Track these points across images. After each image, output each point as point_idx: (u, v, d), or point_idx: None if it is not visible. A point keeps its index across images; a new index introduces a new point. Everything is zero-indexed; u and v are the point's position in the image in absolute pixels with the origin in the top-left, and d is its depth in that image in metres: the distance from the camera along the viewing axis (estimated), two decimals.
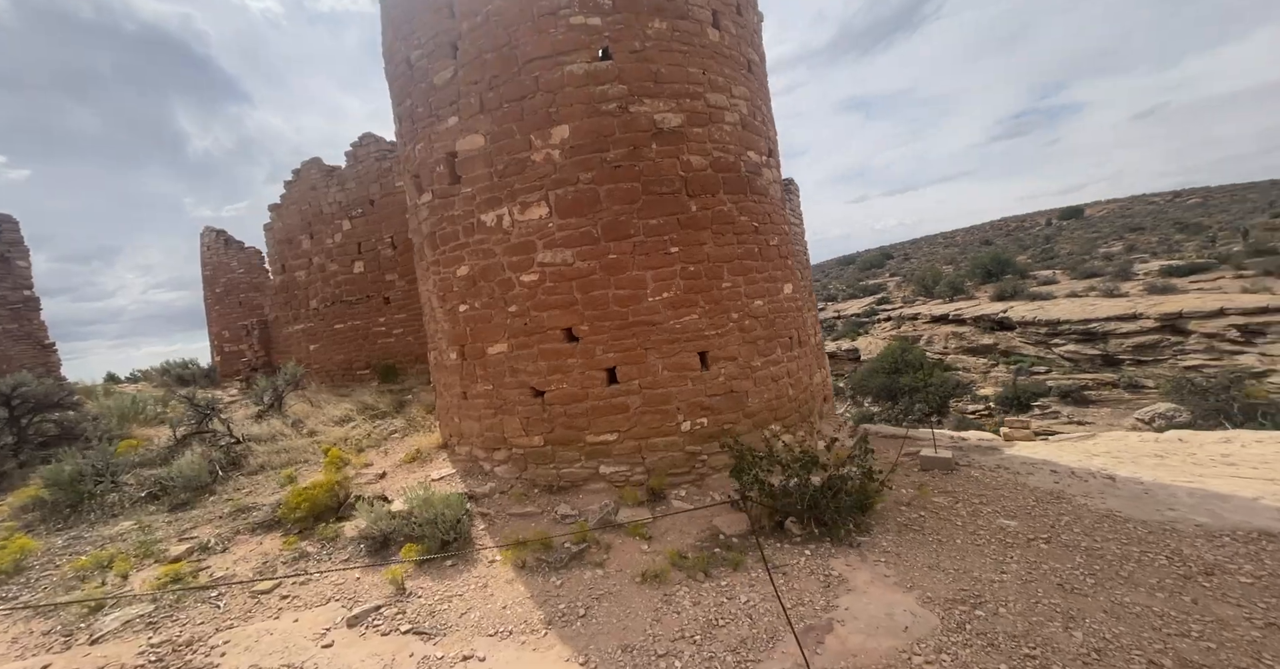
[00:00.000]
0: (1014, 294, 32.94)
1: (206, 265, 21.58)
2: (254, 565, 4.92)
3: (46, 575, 5.13)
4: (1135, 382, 22.79)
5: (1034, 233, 72.01)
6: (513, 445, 6.05)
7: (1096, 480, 5.01)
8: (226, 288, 21.97)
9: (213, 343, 21.96)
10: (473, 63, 5.84)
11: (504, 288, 5.96)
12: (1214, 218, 56.38)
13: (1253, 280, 26.73)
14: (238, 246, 22.37)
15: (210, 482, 6.91)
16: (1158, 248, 46.36)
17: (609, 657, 3.24)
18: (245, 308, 22.49)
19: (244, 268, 22.46)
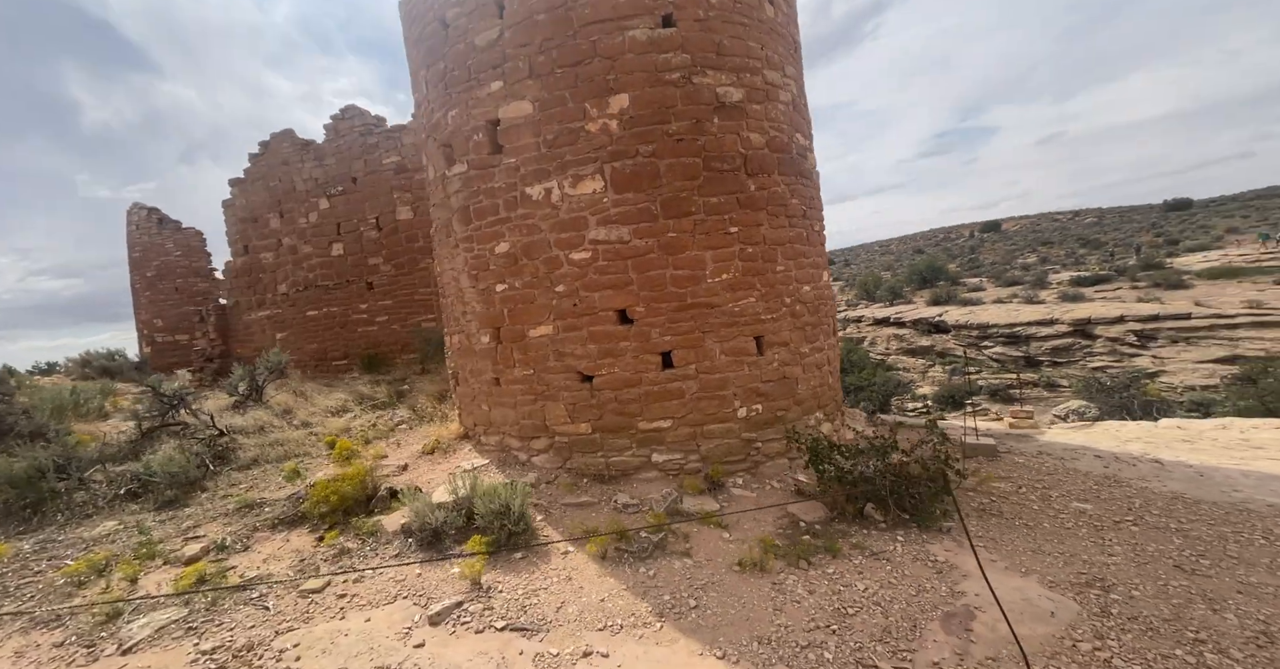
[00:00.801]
0: (948, 299, 34.49)
1: (135, 247, 19.20)
2: (289, 564, 4.23)
3: (27, 583, 4.26)
4: (1053, 381, 24.32)
5: (960, 243, 76.35)
6: (555, 433, 5.56)
7: (1145, 464, 5.03)
8: (160, 272, 19.75)
9: (141, 332, 19.68)
10: (522, 23, 5.30)
11: (550, 266, 5.45)
12: (1109, 235, 61.35)
13: (1145, 291, 29.13)
14: (173, 226, 20.12)
15: (199, 477, 6.03)
16: (1066, 260, 49.94)
17: (745, 649, 2.87)
18: (183, 294, 20.32)
19: (181, 250, 20.24)
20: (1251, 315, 22.79)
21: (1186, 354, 22.63)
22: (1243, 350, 21.31)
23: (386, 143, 11.23)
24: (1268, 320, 22.18)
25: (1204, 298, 26.42)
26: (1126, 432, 6.39)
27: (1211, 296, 26.46)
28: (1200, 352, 22.46)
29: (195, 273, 20.45)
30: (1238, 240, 41.52)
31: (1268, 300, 24.13)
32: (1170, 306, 25.54)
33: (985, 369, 28.53)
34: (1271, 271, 28.34)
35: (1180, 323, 23.99)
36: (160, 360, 18.23)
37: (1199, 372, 21.38)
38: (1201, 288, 28.46)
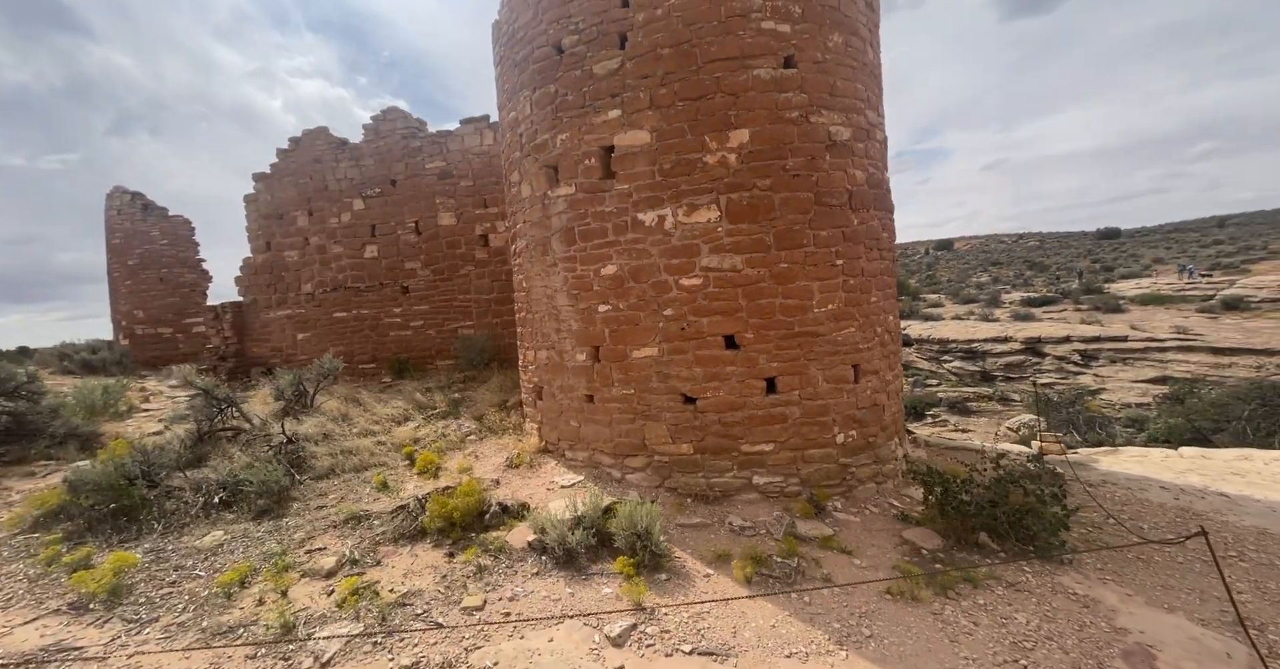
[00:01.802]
0: (911, 314, 35.53)
1: (115, 232, 17.84)
2: (433, 580, 4.04)
3: (168, 594, 3.99)
4: (1005, 395, 25.45)
5: (916, 260, 79.09)
6: (655, 453, 5.50)
7: (1212, 497, 5.19)
8: (144, 260, 18.47)
9: (119, 323, 18.37)
10: (645, 56, 5.23)
11: (658, 290, 5.40)
12: (1050, 259, 64.73)
13: (1087, 314, 30.78)
14: (160, 213, 18.81)
15: (288, 486, 5.72)
16: (1015, 281, 52.34)
17: None
18: (168, 285, 19.06)
19: (168, 238, 18.94)
20: (1179, 340, 24.27)
21: (1124, 374, 23.90)
22: (1171, 371, 22.60)
23: (431, 147, 10.87)
24: (1192, 345, 23.65)
25: (1138, 322, 28.03)
26: (1179, 463, 6.43)
27: (1144, 321, 28.11)
28: (1135, 372, 23.74)
29: (182, 263, 19.21)
30: (1162, 270, 44.34)
31: (1192, 326, 25.84)
32: (1110, 329, 26.95)
33: (945, 382, 29.61)
34: (1193, 300, 30.37)
35: (1118, 344, 25.24)
36: (142, 354, 17.07)
37: (1134, 390, 22.61)
38: (1136, 312, 30.18)
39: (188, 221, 19.48)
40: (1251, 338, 23.38)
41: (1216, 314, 28.34)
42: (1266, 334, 23.71)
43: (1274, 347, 22.14)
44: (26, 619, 3.80)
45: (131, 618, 3.77)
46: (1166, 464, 6.22)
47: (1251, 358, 21.91)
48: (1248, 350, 22.26)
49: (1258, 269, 37.12)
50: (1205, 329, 25.45)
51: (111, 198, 18.68)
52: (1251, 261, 40.59)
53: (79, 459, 7.54)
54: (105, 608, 3.88)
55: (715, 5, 5.02)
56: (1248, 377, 19.96)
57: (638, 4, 5.20)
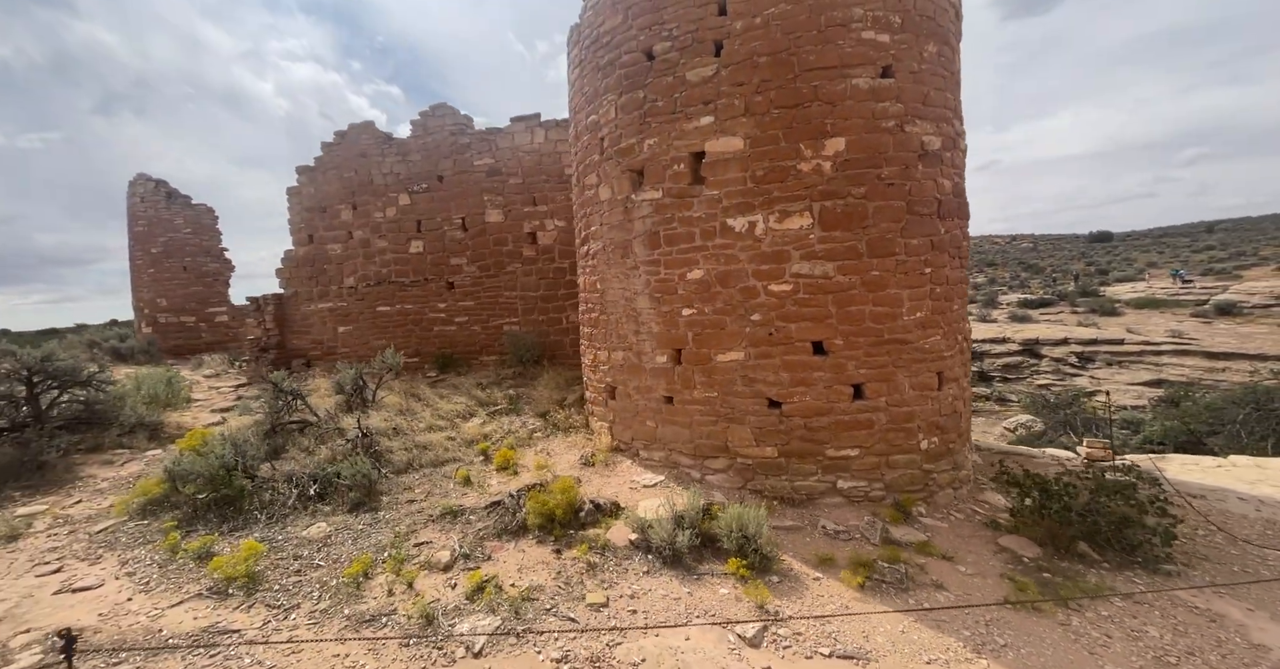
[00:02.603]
0: None
1: (139, 220, 17.62)
2: (548, 576, 3.99)
3: (298, 583, 3.97)
4: (1003, 396, 25.45)
5: None
6: (737, 455, 5.45)
7: None
8: (167, 249, 18.28)
9: (140, 311, 18.17)
10: (741, 64, 5.11)
11: (746, 296, 5.32)
12: (1045, 260, 64.78)
13: (1084, 316, 30.72)
14: (184, 201, 18.59)
15: (375, 480, 5.64)
16: (1011, 282, 52.35)
17: None
18: (191, 273, 18.89)
19: (191, 227, 18.75)
20: (1174, 344, 24.24)
21: (1120, 376, 23.84)
22: (1166, 375, 22.56)
23: (480, 144, 10.70)
24: (1188, 349, 23.63)
25: (1134, 325, 27.98)
26: (1247, 473, 6.33)
27: (1140, 324, 28.07)
28: (1131, 374, 23.67)
29: (205, 252, 19.01)
30: (1155, 274, 44.32)
31: (1186, 330, 25.84)
32: (1106, 332, 26.83)
33: None
34: (1186, 305, 30.35)
35: (1115, 347, 25.13)
36: (165, 342, 16.94)
37: (1130, 393, 22.58)
38: (1131, 315, 30.11)
39: (211, 210, 19.21)
40: (1245, 343, 23.37)
41: (1210, 319, 28.29)
42: (1259, 339, 23.71)
43: (1267, 352, 22.15)
44: (173, 603, 3.78)
45: (273, 604, 3.75)
46: (1235, 474, 6.19)
47: (1245, 362, 21.87)
48: (1241, 355, 22.24)
49: (1249, 275, 37.15)
50: (1200, 333, 25.44)
51: (134, 185, 18.37)
52: (1243, 267, 40.62)
53: (150, 448, 7.47)
54: (245, 594, 3.87)
55: (815, 15, 4.90)
56: (1241, 381, 19.94)
57: (736, 12, 5.07)
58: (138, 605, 3.76)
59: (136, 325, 18.82)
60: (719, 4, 5.14)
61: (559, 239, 10.35)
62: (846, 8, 4.85)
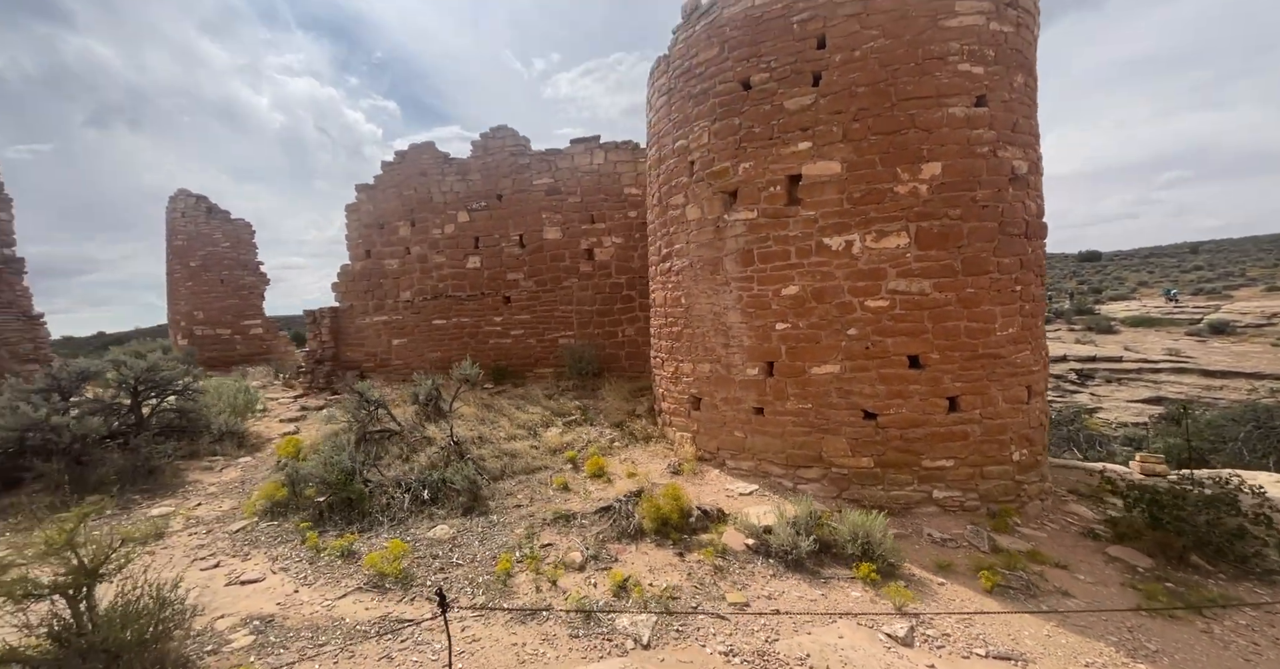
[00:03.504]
0: None
1: (178, 234, 17.60)
2: (680, 577, 3.99)
3: (443, 579, 4.01)
4: None
5: None
6: (832, 464, 5.44)
7: None
8: (205, 262, 18.23)
9: (177, 324, 18.10)
10: (839, 94, 5.23)
11: (842, 311, 5.37)
12: None
13: (1081, 334, 30.70)
14: (223, 216, 18.55)
15: (480, 486, 5.63)
16: None
17: None
18: (228, 287, 18.80)
19: (230, 241, 18.69)
20: (1172, 362, 24.13)
21: (1119, 393, 23.63)
22: (1165, 392, 22.38)
23: (539, 165, 10.86)
24: (1185, 367, 23.51)
25: (1130, 343, 27.85)
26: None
27: (1136, 342, 27.97)
28: (1130, 391, 23.45)
29: (242, 265, 18.99)
30: (1147, 293, 44.39)
31: (1183, 349, 25.76)
32: (1104, 349, 26.74)
33: None
34: (1181, 324, 30.31)
35: (1113, 364, 24.93)
36: (202, 354, 16.76)
37: (1130, 410, 22.33)
38: (1127, 333, 30.02)
39: (249, 225, 19.24)
40: (1241, 361, 23.22)
41: (1205, 337, 28.18)
42: (1254, 358, 23.59)
43: (1263, 370, 22.05)
44: (339, 595, 3.79)
45: (430, 598, 3.75)
46: None
47: (1242, 381, 21.71)
48: (1238, 373, 22.09)
49: (1239, 295, 37.20)
50: (1196, 352, 25.29)
51: (175, 200, 18.44)
52: (1232, 288, 40.73)
53: (240, 455, 7.46)
54: (401, 588, 3.89)
55: (912, 49, 5.03)
56: (1239, 399, 19.79)
57: (835, 46, 5.21)
58: (306, 597, 3.77)
59: (172, 338, 18.67)
60: (818, 39, 5.28)
61: (616, 255, 10.45)
62: (943, 42, 4.98)
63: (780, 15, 5.39)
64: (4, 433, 5.46)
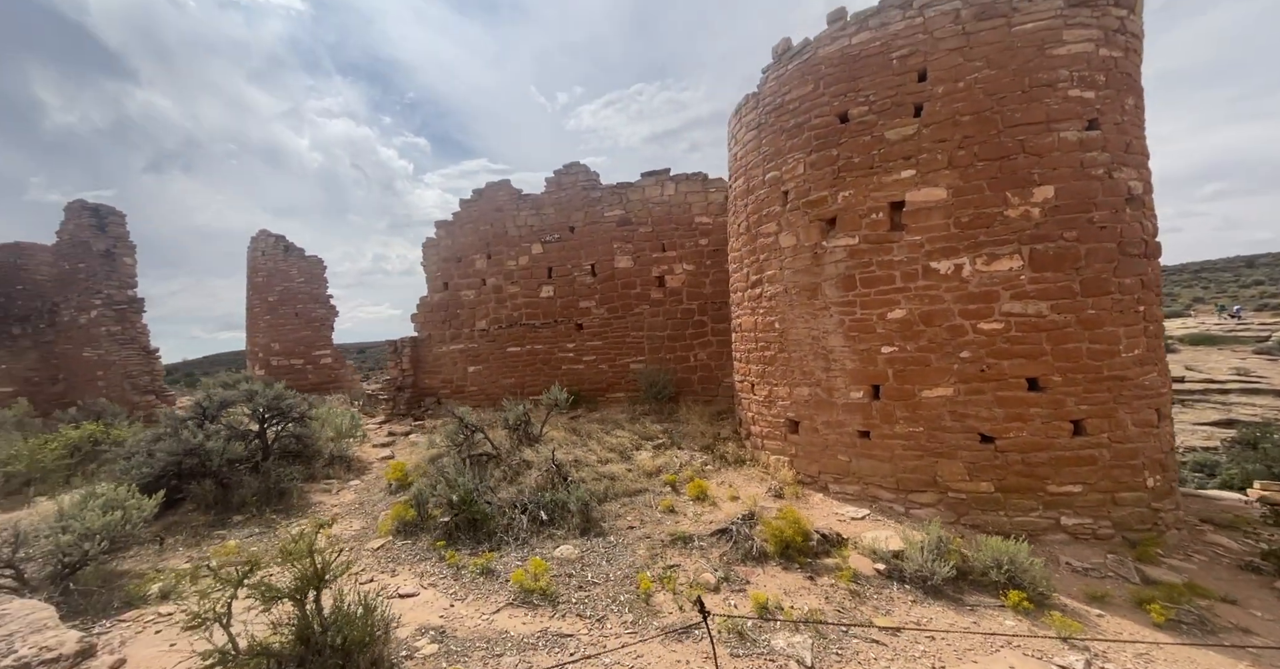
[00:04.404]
0: None
1: (259, 272, 18.52)
2: (817, 600, 3.88)
3: (584, 597, 4.01)
4: None
5: None
6: (948, 489, 5.21)
7: None
8: (282, 297, 19.10)
9: (255, 355, 18.97)
10: (943, 123, 5.21)
11: (953, 334, 5.22)
12: None
13: None
14: (298, 253, 19.42)
15: (591, 507, 5.63)
16: None
17: None
18: (302, 319, 19.55)
19: (304, 277, 19.54)
20: (1240, 382, 22.24)
21: (1184, 416, 21.79)
22: (1237, 414, 20.55)
23: (610, 197, 11.17)
24: (1257, 388, 21.58)
25: (1192, 362, 25.94)
26: None
27: (1199, 362, 26.01)
28: (1196, 414, 21.58)
29: (315, 299, 19.83)
30: (1202, 309, 41.64)
31: (1252, 368, 23.75)
32: None
33: None
34: (1247, 341, 28.08)
35: (1176, 385, 23.30)
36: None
37: (1198, 433, 20.60)
38: (1187, 352, 27.98)
39: (320, 260, 20.15)
40: None
41: (1276, 356, 26.08)
42: None
43: None
44: (493, 610, 3.83)
45: (582, 614, 3.77)
46: None
47: None
48: None
49: None
50: (1268, 371, 23.35)
51: (256, 240, 19.55)
52: None
53: (350, 478, 7.70)
54: (549, 604, 3.90)
55: (1019, 77, 4.99)
56: None
57: (936, 79, 5.22)
58: (464, 611, 3.82)
59: (250, 368, 19.45)
60: (918, 72, 5.30)
61: (687, 282, 10.53)
62: (1052, 69, 4.92)
63: (878, 52, 5.46)
64: (170, 457, 5.80)
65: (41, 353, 13.87)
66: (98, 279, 13.56)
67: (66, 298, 13.85)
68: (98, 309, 13.35)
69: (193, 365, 38.64)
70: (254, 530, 5.61)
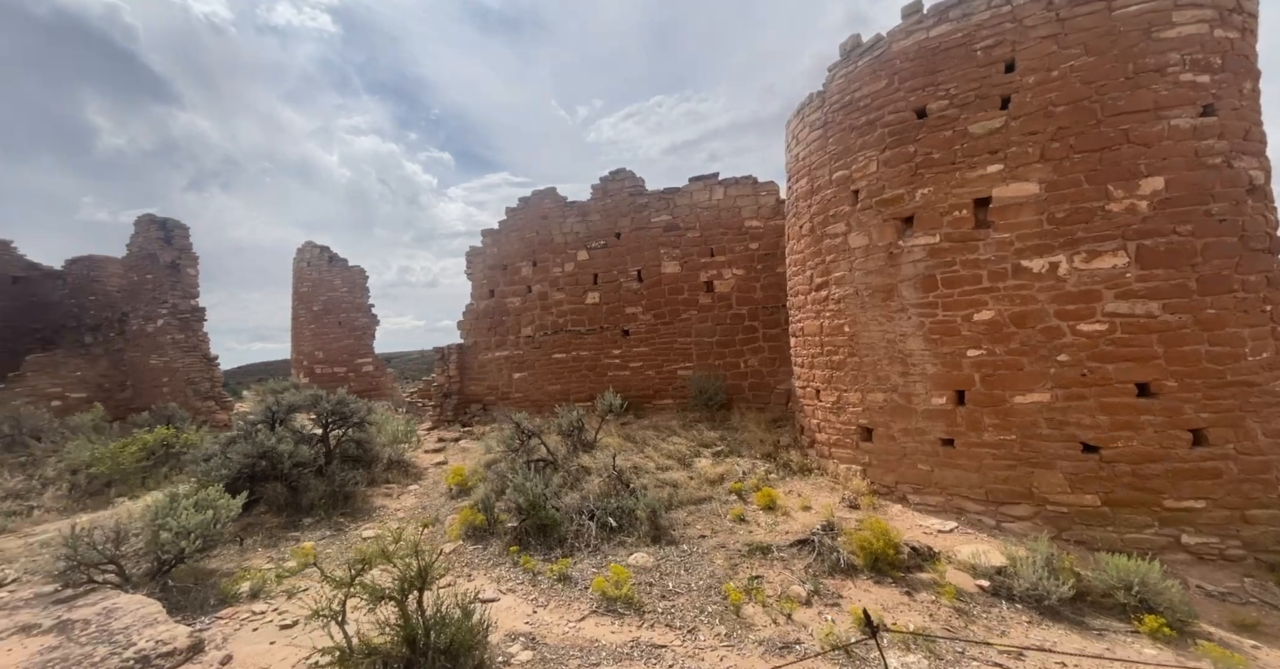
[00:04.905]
0: None
1: (304, 281, 19.04)
2: (921, 618, 3.65)
3: (670, 607, 3.88)
4: None
5: None
6: (1046, 502, 4.86)
7: None
8: (326, 306, 19.64)
9: (299, 363, 19.45)
10: (1034, 115, 4.94)
11: (1048, 335, 4.91)
12: None
13: None
14: (342, 264, 19.94)
15: (659, 515, 5.50)
16: None
17: None
18: (344, 328, 20.03)
19: (347, 286, 20.03)
20: None
21: None
22: None
23: (657, 203, 11.13)
24: None
25: None
26: None
27: None
28: None
29: (357, 308, 20.33)
30: None
31: None
32: None
33: None
34: None
35: None
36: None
37: None
38: None
39: (362, 270, 20.67)
40: None
41: None
42: None
43: None
44: (578, 617, 3.76)
45: (671, 624, 3.66)
46: None
47: None
48: None
49: None
50: None
51: (302, 251, 20.16)
52: None
53: (408, 483, 7.76)
54: (635, 613, 3.80)
55: (1121, 63, 4.70)
56: None
57: (1026, 69, 4.98)
58: (548, 618, 3.76)
59: (295, 375, 20.03)
60: (1005, 63, 5.07)
61: (737, 287, 10.36)
62: (1160, 54, 4.62)
63: (960, 43, 5.25)
64: (245, 459, 5.96)
65: (112, 360, 14.60)
66: (163, 289, 14.21)
67: (135, 307, 14.56)
68: (163, 318, 13.98)
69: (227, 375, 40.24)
70: (325, 533, 5.68)
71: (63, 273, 16.50)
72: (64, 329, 15.83)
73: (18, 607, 3.60)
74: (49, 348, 14.72)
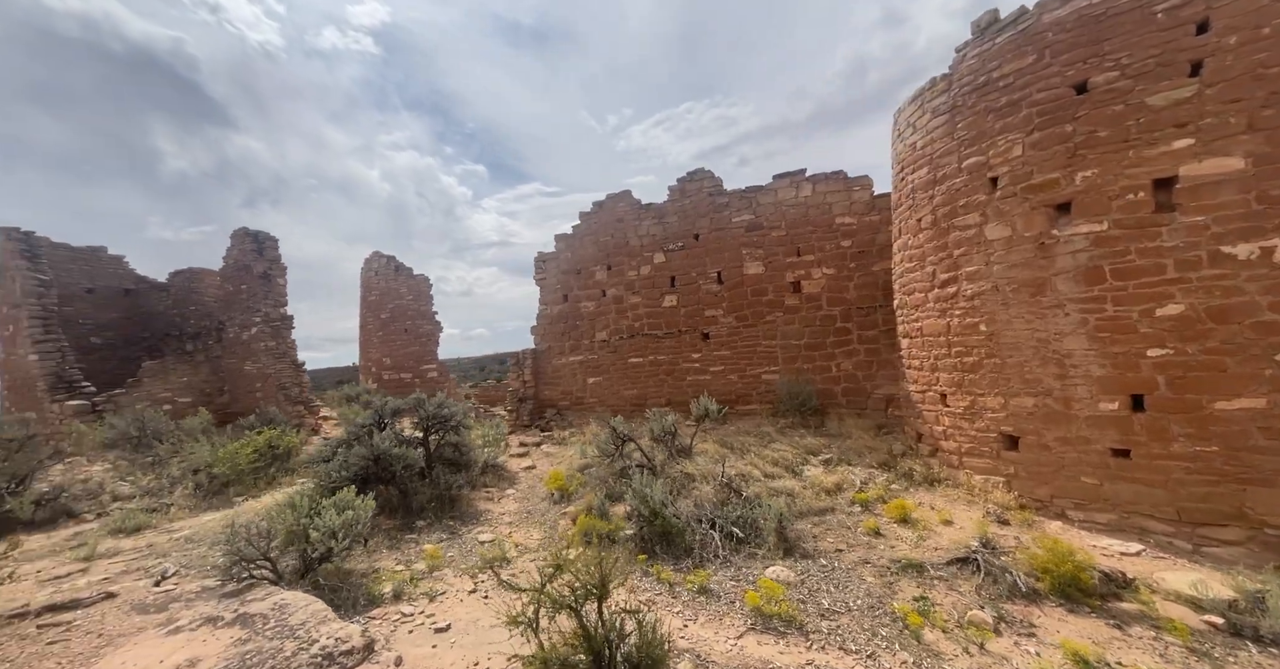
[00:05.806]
0: None
1: (372, 290, 19.63)
2: (1148, 658, 3.18)
3: (833, 626, 3.60)
4: None
5: None
6: (1264, 524, 4.23)
7: None
8: (394, 314, 20.22)
9: (368, 369, 20.03)
10: (1236, 79, 4.37)
11: (1261, 332, 4.27)
12: None
13: None
14: (407, 273, 20.45)
15: (785, 527, 5.17)
16: None
17: None
18: (410, 335, 20.52)
19: (413, 294, 20.53)
20: None
21: None
22: None
23: (738, 202, 10.82)
24: None
25: None
26: None
27: None
28: None
29: (421, 315, 20.84)
30: None
31: None
32: None
33: None
34: None
35: None
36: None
37: None
38: None
39: (427, 278, 21.21)
40: None
41: None
42: None
43: None
44: (736, 634, 3.54)
45: (845, 647, 3.37)
46: None
47: None
48: None
49: None
50: None
51: (370, 261, 20.90)
52: None
53: (505, 487, 7.73)
54: (798, 632, 3.53)
55: None
56: None
57: (1226, 28, 4.39)
58: (703, 633, 3.56)
59: (363, 381, 20.73)
60: (1197, 23, 4.50)
61: (827, 287, 9.89)
62: None
63: (1135, 7, 4.73)
64: (361, 461, 6.04)
65: (211, 366, 15.57)
66: (257, 298, 15.03)
67: (230, 316, 15.48)
68: (257, 326, 14.78)
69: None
70: (441, 536, 5.65)
71: (167, 285, 17.84)
72: (168, 338, 17.06)
73: (191, 599, 3.69)
74: (155, 355, 15.87)
